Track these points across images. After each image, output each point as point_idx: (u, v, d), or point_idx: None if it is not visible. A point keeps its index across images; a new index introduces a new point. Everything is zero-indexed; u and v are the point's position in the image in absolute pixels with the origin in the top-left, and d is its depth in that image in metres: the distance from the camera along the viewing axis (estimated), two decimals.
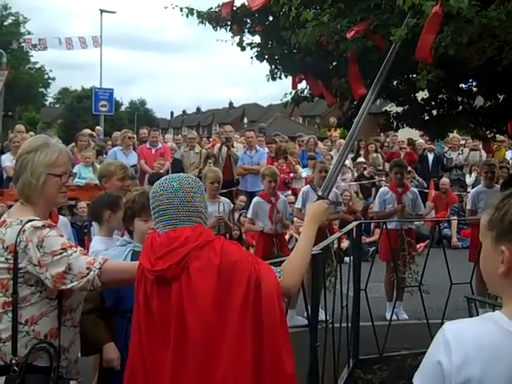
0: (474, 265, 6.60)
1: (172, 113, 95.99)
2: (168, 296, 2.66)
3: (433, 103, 6.82)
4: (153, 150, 12.99)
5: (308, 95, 6.50)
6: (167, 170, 12.13)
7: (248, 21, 5.85)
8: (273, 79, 6.24)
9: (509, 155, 15.19)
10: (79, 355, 3.35)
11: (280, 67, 6.17)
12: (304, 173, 13.33)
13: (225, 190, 10.78)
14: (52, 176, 3.07)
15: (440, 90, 6.49)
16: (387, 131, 10.77)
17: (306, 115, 58.00)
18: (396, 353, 6.30)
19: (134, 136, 13.45)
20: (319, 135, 23.12)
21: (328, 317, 5.31)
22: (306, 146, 14.76)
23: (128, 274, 2.92)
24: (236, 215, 10.70)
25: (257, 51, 6.01)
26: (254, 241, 9.00)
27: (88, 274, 2.90)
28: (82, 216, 10.24)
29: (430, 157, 15.45)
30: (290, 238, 8.29)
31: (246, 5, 5.71)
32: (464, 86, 6.55)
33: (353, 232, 6.33)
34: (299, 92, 6.50)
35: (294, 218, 9.06)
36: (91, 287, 2.95)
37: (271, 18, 5.72)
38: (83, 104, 49.00)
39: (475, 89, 6.60)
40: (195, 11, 5.91)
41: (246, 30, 5.93)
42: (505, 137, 10.68)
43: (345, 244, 9.12)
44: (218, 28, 5.97)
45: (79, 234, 9.71)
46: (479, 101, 6.92)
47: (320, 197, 3.57)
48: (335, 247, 6.05)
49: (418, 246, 9.81)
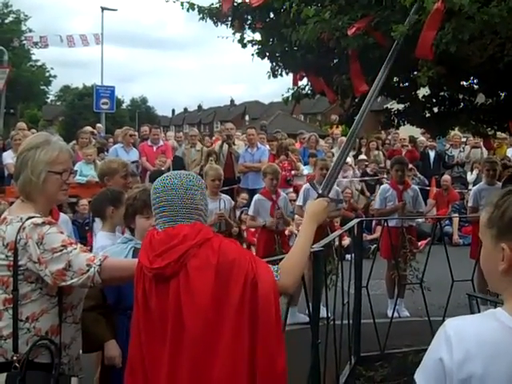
0: (476, 262, 6.58)
1: (173, 110, 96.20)
2: (166, 293, 2.66)
3: (434, 100, 6.81)
4: (154, 148, 13.00)
5: (309, 92, 6.49)
6: (168, 168, 12.12)
7: (249, 17, 5.85)
8: (274, 76, 6.23)
9: (510, 152, 15.15)
10: (81, 352, 3.36)
11: (281, 64, 6.15)
12: (305, 170, 13.32)
13: (226, 188, 10.78)
14: (53, 173, 3.08)
15: (441, 88, 6.48)
16: (388, 129, 10.77)
17: (308, 113, 57.97)
18: (397, 350, 6.29)
19: (135, 133, 13.46)
20: (320, 133, 23.10)
21: (329, 314, 5.30)
22: (308, 144, 14.75)
23: (128, 271, 2.92)
24: (237, 213, 10.69)
25: (258, 48, 6.00)
26: (255, 239, 9.02)
27: (88, 271, 2.91)
28: (84, 213, 10.27)
29: (432, 154, 15.45)
30: (291, 235, 8.27)
31: (247, 1, 5.71)
32: (465, 84, 6.52)
33: (354, 229, 6.33)
34: (300, 89, 6.48)
35: (295, 216, 9.05)
36: (91, 284, 2.95)
37: (272, 15, 5.71)
38: (84, 102, 48.99)
39: (476, 86, 6.59)
40: (196, 6, 5.90)
41: (247, 27, 5.93)
42: (506, 134, 10.68)
43: (346, 241, 9.11)
44: (219, 24, 5.97)
45: (80, 232, 9.73)
46: (480, 98, 6.90)
47: (320, 195, 3.54)
48: (336, 244, 6.05)
49: (420, 244, 9.80)
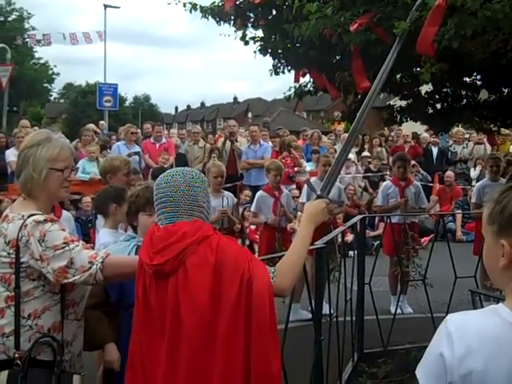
0: (479, 258, 6.59)
1: (176, 108, 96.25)
2: (165, 290, 2.66)
3: (437, 97, 6.79)
4: (157, 145, 12.99)
5: (311, 89, 6.48)
6: (171, 165, 12.12)
7: (251, 15, 5.84)
8: (276, 74, 6.22)
9: None
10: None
11: (283, 61, 6.15)
12: (308, 167, 13.32)
13: (229, 185, 10.78)
14: (54, 170, 3.08)
15: (444, 84, 6.47)
16: (391, 125, 10.75)
17: (310, 110, 57.96)
18: (400, 346, 6.30)
19: (138, 131, 13.45)
20: (323, 129, 23.06)
21: (332, 311, 5.30)
22: (310, 140, 14.73)
23: (130, 268, 2.91)
24: (240, 210, 10.70)
25: (260, 45, 6.00)
26: (258, 237, 9.02)
27: (90, 268, 2.91)
28: (87, 210, 10.27)
29: (435, 151, 15.42)
30: (293, 232, 8.26)
31: None
32: (468, 80, 6.51)
33: (357, 226, 6.33)
34: (302, 86, 6.47)
35: (298, 213, 9.04)
36: (93, 281, 2.95)
37: (274, 12, 5.70)
38: (87, 99, 48.98)
39: (479, 82, 6.56)
40: (198, 6, 5.90)
41: (250, 24, 5.92)
42: (510, 130, 10.66)
43: (349, 238, 9.12)
44: (222, 22, 5.96)
45: (84, 229, 9.76)
46: (483, 94, 6.88)
47: (319, 196, 3.49)
48: (339, 241, 6.05)
49: (423, 240, 9.79)
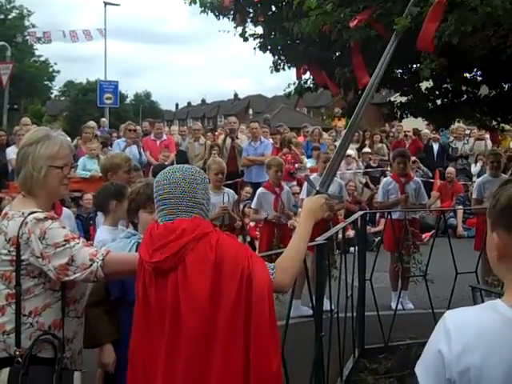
0: (480, 254, 6.59)
1: (177, 105, 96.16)
2: (165, 287, 2.66)
3: (437, 93, 6.77)
4: (157, 142, 13.00)
5: (311, 86, 6.47)
6: (172, 162, 12.11)
7: (251, 11, 5.83)
8: (276, 71, 6.20)
9: None
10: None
11: (283, 58, 6.14)
12: (309, 163, 13.32)
13: (229, 182, 10.79)
14: (53, 168, 3.08)
15: (444, 80, 6.45)
16: (391, 121, 10.74)
17: (311, 106, 57.88)
18: (401, 342, 6.30)
19: (137, 128, 13.43)
20: (324, 126, 23.05)
21: (333, 307, 5.31)
22: (311, 137, 14.73)
23: (131, 265, 2.91)
24: (241, 206, 10.70)
25: (259, 42, 5.99)
26: (258, 233, 9.02)
27: (91, 266, 2.91)
28: (88, 208, 10.26)
29: (435, 147, 15.41)
30: (293, 229, 8.27)
31: None
32: (468, 76, 6.49)
33: (358, 222, 6.33)
34: (302, 83, 6.46)
35: (299, 209, 9.05)
36: (94, 279, 2.96)
37: (274, 8, 5.70)
38: (88, 97, 48.94)
39: (480, 78, 6.55)
40: (198, 0, 5.89)
41: (249, 20, 5.91)
42: (510, 126, 10.63)
43: (350, 234, 9.12)
44: (221, 17, 5.95)
45: (85, 226, 9.76)
46: (484, 90, 6.87)
47: (318, 191, 3.48)
48: (339, 237, 6.05)
49: (424, 236, 9.80)
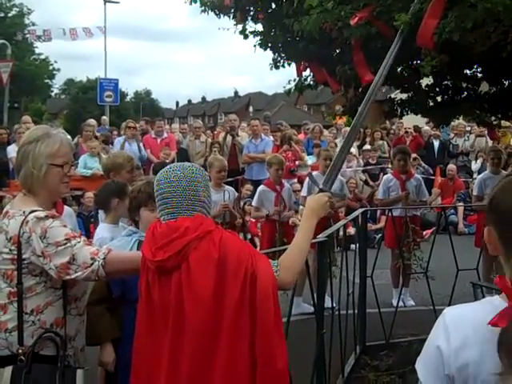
0: (481, 251, 6.60)
1: (177, 102, 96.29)
2: (169, 286, 2.66)
3: (437, 89, 6.77)
4: (158, 140, 13.00)
5: (312, 83, 6.46)
6: (173, 160, 12.10)
7: (251, 8, 5.83)
8: (276, 68, 6.21)
9: None
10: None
11: (283, 55, 6.14)
12: (309, 161, 13.31)
13: (230, 179, 10.78)
14: (54, 166, 3.07)
15: (444, 76, 6.45)
16: (391, 118, 10.74)
17: (311, 103, 57.88)
18: (402, 339, 6.30)
19: (136, 126, 13.43)
20: (325, 123, 23.07)
21: (334, 304, 5.32)
22: (312, 134, 14.73)
23: (132, 264, 2.92)
24: (241, 204, 10.71)
25: (260, 39, 5.99)
26: (259, 230, 9.02)
27: (92, 264, 2.91)
28: (89, 206, 10.25)
29: (436, 144, 15.41)
30: (295, 226, 8.26)
31: None
32: (468, 72, 6.50)
33: (358, 219, 6.33)
34: (303, 80, 6.46)
35: (300, 207, 9.04)
36: (95, 277, 2.96)
37: (274, 6, 5.69)
38: (88, 95, 48.89)
39: (480, 74, 6.55)
40: None
41: (249, 18, 5.91)
42: (510, 122, 10.63)
43: (351, 231, 9.12)
44: (222, 16, 5.95)
45: (86, 224, 9.75)
46: (484, 87, 6.87)
47: (321, 189, 3.48)
48: (340, 234, 6.05)
49: (425, 233, 9.79)
